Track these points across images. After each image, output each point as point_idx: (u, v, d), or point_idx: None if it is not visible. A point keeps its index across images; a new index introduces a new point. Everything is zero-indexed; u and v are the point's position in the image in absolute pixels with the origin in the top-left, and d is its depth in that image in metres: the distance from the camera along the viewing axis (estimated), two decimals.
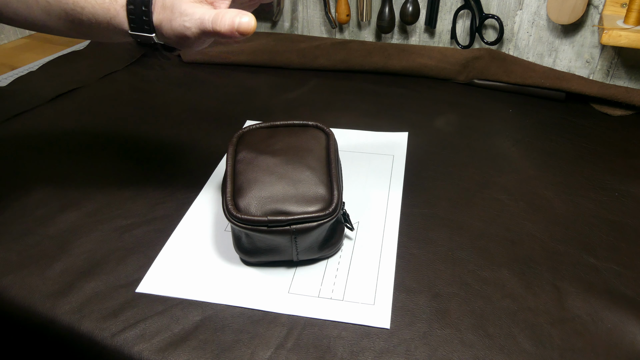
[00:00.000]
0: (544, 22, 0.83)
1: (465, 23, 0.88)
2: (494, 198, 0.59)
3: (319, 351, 0.42)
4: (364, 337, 0.43)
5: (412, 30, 0.93)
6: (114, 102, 0.83)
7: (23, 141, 0.71)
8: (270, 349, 0.42)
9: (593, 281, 0.48)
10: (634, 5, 0.70)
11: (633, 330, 0.43)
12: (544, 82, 0.80)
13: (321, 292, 0.47)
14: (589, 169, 0.64)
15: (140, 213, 0.57)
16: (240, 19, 0.42)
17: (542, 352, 0.41)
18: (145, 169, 0.65)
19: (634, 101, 0.75)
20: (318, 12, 0.96)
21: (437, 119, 0.76)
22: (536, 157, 0.67)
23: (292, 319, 0.45)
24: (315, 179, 0.48)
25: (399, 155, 0.67)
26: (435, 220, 0.56)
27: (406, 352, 0.42)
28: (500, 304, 0.46)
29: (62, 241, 0.53)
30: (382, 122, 0.75)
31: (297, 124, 0.56)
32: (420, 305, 0.46)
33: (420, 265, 0.50)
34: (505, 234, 0.54)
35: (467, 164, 0.65)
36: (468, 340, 0.43)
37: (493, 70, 0.84)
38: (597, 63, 0.83)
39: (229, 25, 0.42)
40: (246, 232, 0.46)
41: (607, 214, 0.56)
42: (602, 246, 0.52)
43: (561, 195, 0.59)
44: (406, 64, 0.88)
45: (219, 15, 0.42)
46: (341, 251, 0.52)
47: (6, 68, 0.97)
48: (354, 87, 0.87)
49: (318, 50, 0.91)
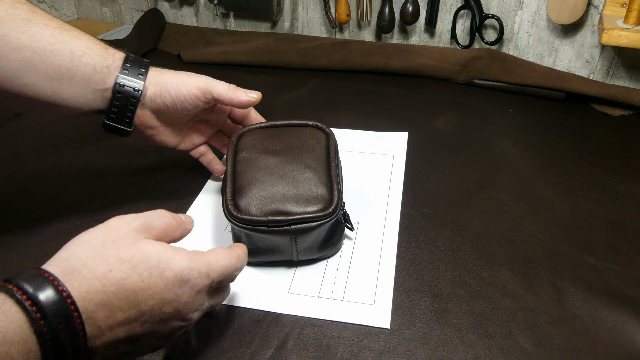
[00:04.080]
0: (544, 22, 0.83)
1: (465, 23, 0.88)
2: (494, 198, 0.59)
3: (319, 351, 0.42)
4: (364, 337, 0.43)
5: (412, 30, 0.93)
6: None
7: (23, 141, 0.71)
8: (271, 349, 0.42)
9: (593, 281, 0.48)
10: (634, 5, 0.70)
11: (633, 330, 0.43)
12: (544, 82, 0.80)
13: (321, 292, 0.47)
14: (589, 169, 0.64)
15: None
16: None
17: (542, 352, 0.41)
18: (145, 169, 0.65)
19: (634, 101, 0.75)
20: (318, 12, 0.96)
21: (437, 119, 0.76)
22: (536, 157, 0.67)
23: (292, 319, 0.45)
24: (315, 179, 0.48)
25: (399, 155, 0.67)
26: (435, 220, 0.56)
27: (406, 352, 0.42)
28: (500, 304, 0.46)
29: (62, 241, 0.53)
30: (382, 122, 0.75)
31: (297, 123, 0.56)
32: (420, 305, 0.46)
33: (420, 265, 0.50)
34: (505, 234, 0.54)
35: (467, 164, 0.65)
36: (468, 340, 0.43)
37: (493, 70, 0.84)
38: (597, 63, 0.83)
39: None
40: (246, 232, 0.46)
41: (607, 214, 0.56)
42: (602, 246, 0.52)
43: (561, 195, 0.59)
44: (406, 64, 0.88)
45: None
46: (341, 251, 0.52)
47: None
48: (354, 87, 0.87)
49: (318, 50, 0.91)
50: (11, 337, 0.27)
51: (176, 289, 0.34)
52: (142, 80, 0.49)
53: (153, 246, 0.34)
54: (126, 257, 0.33)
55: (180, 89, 0.50)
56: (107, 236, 0.34)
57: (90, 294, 0.31)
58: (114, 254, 0.33)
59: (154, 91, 0.49)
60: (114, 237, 0.34)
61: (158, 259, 0.33)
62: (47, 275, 0.30)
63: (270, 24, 1.01)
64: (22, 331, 0.28)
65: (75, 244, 0.34)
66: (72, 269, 0.31)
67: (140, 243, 0.34)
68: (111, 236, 0.34)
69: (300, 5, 0.97)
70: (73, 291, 0.30)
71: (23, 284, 0.29)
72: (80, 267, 0.31)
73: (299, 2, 0.97)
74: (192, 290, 0.35)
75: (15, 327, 0.28)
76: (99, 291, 0.31)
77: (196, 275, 0.35)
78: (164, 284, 0.33)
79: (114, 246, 0.33)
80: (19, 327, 0.28)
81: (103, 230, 0.34)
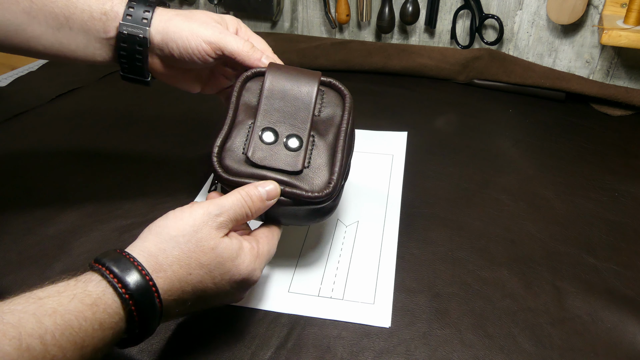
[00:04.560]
0: (544, 22, 0.83)
1: (465, 23, 0.88)
2: (494, 198, 0.59)
3: (319, 351, 0.42)
4: (364, 337, 0.43)
5: (412, 30, 0.93)
6: (114, 102, 0.83)
7: (23, 141, 0.71)
8: (271, 349, 0.42)
9: (593, 281, 0.48)
10: (634, 5, 0.70)
11: (633, 330, 0.43)
12: (544, 82, 0.80)
13: (321, 291, 0.47)
14: (589, 169, 0.64)
15: (140, 213, 0.57)
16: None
17: (542, 352, 0.41)
18: (145, 169, 0.65)
19: (633, 101, 0.75)
20: (318, 12, 0.96)
21: (437, 119, 0.76)
22: (536, 157, 0.67)
23: (292, 319, 0.45)
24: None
25: (399, 155, 0.67)
26: (435, 220, 0.56)
27: (406, 352, 0.42)
28: (500, 304, 0.46)
29: (62, 241, 0.53)
30: (381, 121, 0.75)
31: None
32: (420, 305, 0.46)
33: (420, 265, 0.50)
34: (505, 234, 0.54)
35: (467, 164, 0.65)
36: (468, 340, 0.43)
37: (493, 70, 0.84)
38: (597, 63, 0.83)
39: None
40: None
41: (607, 214, 0.56)
42: (602, 246, 0.52)
43: (561, 195, 0.59)
44: (406, 64, 0.88)
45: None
46: (341, 250, 0.52)
47: (6, 68, 0.97)
48: (354, 87, 0.86)
49: (318, 50, 0.91)
50: (107, 326, 0.31)
51: (238, 285, 0.39)
52: (147, 26, 0.44)
53: (228, 249, 0.38)
54: (205, 263, 0.36)
55: (189, 41, 0.44)
56: (193, 237, 0.36)
57: (169, 291, 0.35)
58: (196, 259, 0.36)
59: (161, 39, 0.45)
60: (199, 238, 0.36)
61: (231, 265, 0.38)
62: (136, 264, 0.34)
63: (270, 24, 1.01)
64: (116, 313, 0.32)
65: (164, 238, 0.36)
66: (159, 268, 0.35)
67: (219, 248, 0.37)
68: (197, 236, 0.36)
69: (300, 6, 0.97)
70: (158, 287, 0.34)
71: (124, 278, 0.33)
72: (167, 268, 0.35)
73: (299, 2, 0.96)
74: (253, 283, 0.40)
75: (111, 318, 0.32)
76: (177, 289, 0.35)
77: (258, 274, 0.40)
78: (229, 285, 0.38)
79: (197, 250, 0.36)
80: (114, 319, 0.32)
81: (190, 226, 0.37)
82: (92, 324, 0.30)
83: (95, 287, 0.32)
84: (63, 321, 0.29)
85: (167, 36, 0.45)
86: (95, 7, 0.44)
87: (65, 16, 0.44)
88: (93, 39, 0.45)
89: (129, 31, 0.44)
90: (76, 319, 0.30)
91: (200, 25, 0.45)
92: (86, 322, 0.30)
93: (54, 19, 0.44)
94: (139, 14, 0.44)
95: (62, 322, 0.29)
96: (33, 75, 0.92)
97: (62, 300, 0.30)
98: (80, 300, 0.31)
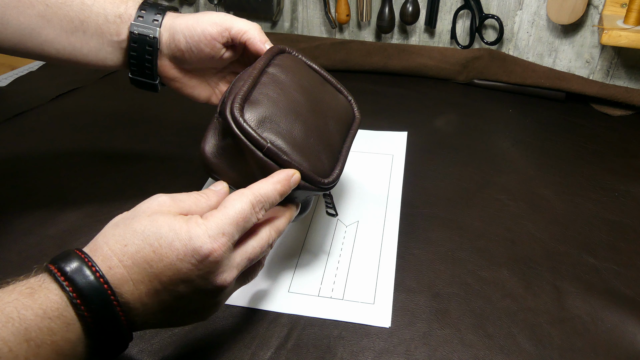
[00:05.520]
0: (544, 22, 0.83)
1: (465, 23, 0.88)
2: (494, 198, 0.59)
3: (319, 351, 0.42)
4: (364, 337, 0.43)
5: (412, 30, 0.92)
6: (114, 102, 0.83)
7: (23, 141, 0.71)
8: (271, 349, 0.42)
9: (593, 281, 0.48)
10: (634, 5, 0.70)
11: (633, 330, 0.43)
12: (544, 82, 0.80)
13: (321, 291, 0.47)
14: (589, 169, 0.64)
15: None
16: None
17: (542, 352, 0.41)
18: (145, 169, 0.65)
19: (634, 101, 0.75)
20: (318, 12, 0.96)
21: (437, 119, 0.76)
22: (536, 157, 0.67)
23: (292, 319, 0.45)
24: (326, 143, 0.44)
25: (399, 155, 0.67)
26: (435, 220, 0.56)
27: (406, 352, 0.42)
28: (500, 304, 0.46)
29: (62, 241, 0.53)
30: (381, 121, 0.75)
31: (336, 86, 0.52)
32: (420, 305, 0.46)
33: (420, 265, 0.50)
34: (505, 234, 0.54)
35: (467, 164, 0.65)
36: (468, 340, 0.43)
37: (493, 70, 0.84)
38: (597, 63, 0.83)
39: None
40: (234, 141, 0.40)
41: (607, 214, 0.56)
42: (602, 246, 0.52)
43: (561, 195, 0.59)
44: (406, 64, 0.88)
45: None
46: (341, 250, 0.52)
47: (6, 68, 0.97)
48: (354, 87, 0.86)
49: (318, 50, 0.91)
50: (51, 313, 0.29)
51: (189, 258, 0.33)
52: (157, 27, 0.45)
53: (167, 217, 0.34)
54: (139, 229, 0.33)
55: (195, 27, 0.45)
56: (131, 213, 0.35)
57: (112, 269, 0.32)
58: (130, 228, 0.33)
59: (168, 36, 0.46)
60: (136, 213, 0.35)
61: (168, 229, 0.33)
62: (78, 252, 0.32)
63: (270, 24, 1.01)
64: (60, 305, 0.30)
65: (107, 225, 0.35)
66: (96, 247, 0.33)
67: (156, 215, 0.34)
68: (134, 213, 0.35)
69: (300, 6, 0.97)
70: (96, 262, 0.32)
71: (59, 263, 0.31)
72: (103, 245, 0.33)
73: (299, 2, 0.96)
74: (210, 256, 0.33)
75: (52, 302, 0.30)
76: (118, 266, 0.32)
77: (206, 240, 0.33)
78: (175, 255, 0.32)
79: (132, 221, 0.34)
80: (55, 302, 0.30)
81: (131, 209, 0.36)
82: (35, 312, 0.29)
83: (36, 278, 0.31)
84: (3, 315, 0.28)
85: (174, 29, 0.46)
86: (110, 10, 0.45)
87: (80, 20, 0.45)
88: (106, 43, 0.46)
89: (139, 31, 0.45)
90: (15, 309, 0.29)
91: (204, 14, 0.46)
92: (27, 310, 0.29)
93: (69, 22, 0.44)
94: (150, 16, 0.46)
95: (1, 316, 0.28)
96: (33, 75, 0.92)
97: (2, 295, 0.30)
98: (20, 291, 0.30)
